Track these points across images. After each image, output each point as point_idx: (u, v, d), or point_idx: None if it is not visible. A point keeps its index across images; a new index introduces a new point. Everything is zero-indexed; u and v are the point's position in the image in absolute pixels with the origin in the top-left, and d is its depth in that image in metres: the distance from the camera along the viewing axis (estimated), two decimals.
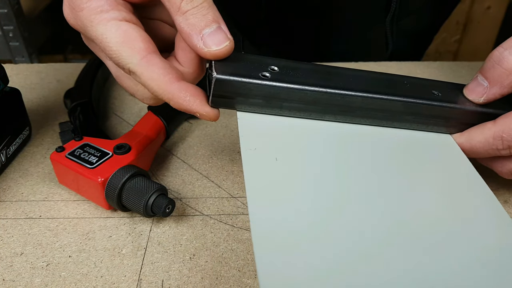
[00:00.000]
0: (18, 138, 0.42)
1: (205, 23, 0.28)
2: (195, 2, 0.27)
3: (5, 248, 0.33)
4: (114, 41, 0.27)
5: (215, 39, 0.28)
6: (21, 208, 0.36)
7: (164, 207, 0.33)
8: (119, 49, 0.27)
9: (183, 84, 0.28)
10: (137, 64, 0.27)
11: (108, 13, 0.28)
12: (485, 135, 0.32)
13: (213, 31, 0.28)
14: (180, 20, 0.28)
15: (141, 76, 0.28)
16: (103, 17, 0.28)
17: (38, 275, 0.31)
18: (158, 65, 0.27)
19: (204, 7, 0.28)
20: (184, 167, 0.41)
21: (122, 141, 0.37)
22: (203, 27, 0.27)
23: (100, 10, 0.28)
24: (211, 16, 0.28)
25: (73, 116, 0.43)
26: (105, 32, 0.28)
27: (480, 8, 1.52)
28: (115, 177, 0.33)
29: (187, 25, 0.28)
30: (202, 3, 0.28)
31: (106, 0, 0.28)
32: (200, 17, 0.27)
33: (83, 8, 0.28)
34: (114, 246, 0.33)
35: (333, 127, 0.33)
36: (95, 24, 0.28)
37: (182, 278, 0.31)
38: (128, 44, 0.27)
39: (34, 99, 0.50)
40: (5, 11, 1.15)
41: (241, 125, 0.30)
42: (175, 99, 0.28)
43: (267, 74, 0.30)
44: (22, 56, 1.23)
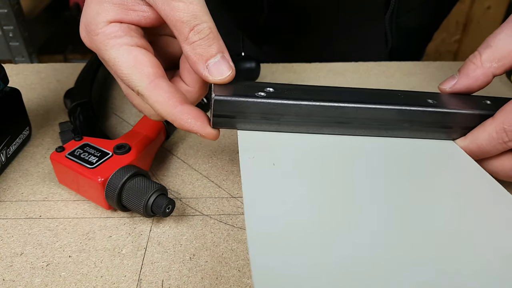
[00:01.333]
0: (18, 138, 0.42)
1: (210, 54, 0.30)
2: (202, 34, 0.30)
3: (5, 248, 0.33)
4: (125, 65, 0.30)
5: (219, 69, 0.30)
6: (21, 208, 0.36)
7: (164, 207, 0.33)
8: (130, 72, 0.30)
9: (186, 107, 0.30)
10: (145, 88, 0.30)
11: (121, 39, 0.31)
12: (488, 132, 0.33)
13: (217, 61, 0.30)
14: (187, 48, 0.30)
15: (149, 99, 0.30)
16: (116, 42, 0.30)
17: (38, 275, 0.31)
18: (164, 89, 0.30)
19: (210, 38, 0.30)
20: (184, 167, 0.41)
21: (122, 141, 0.37)
22: (209, 57, 0.30)
23: (114, 35, 0.31)
24: (216, 47, 0.30)
25: (73, 116, 0.43)
26: (117, 56, 0.30)
27: (480, 8, 1.52)
28: (115, 177, 0.33)
29: (194, 54, 0.30)
30: (208, 34, 0.30)
31: (120, 26, 0.31)
32: (206, 48, 0.30)
33: (98, 33, 0.31)
34: (114, 246, 0.33)
35: (332, 139, 0.33)
36: (109, 48, 0.30)
37: (182, 278, 0.31)
38: (138, 68, 0.30)
39: (34, 99, 0.50)
40: (5, 11, 1.15)
41: (241, 141, 0.32)
42: (178, 121, 0.30)
43: (263, 93, 0.31)
44: (22, 56, 1.23)
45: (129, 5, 0.31)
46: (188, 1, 0.29)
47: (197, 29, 0.30)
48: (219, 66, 0.31)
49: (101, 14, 0.31)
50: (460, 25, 1.60)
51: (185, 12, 0.29)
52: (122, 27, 0.31)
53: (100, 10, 0.31)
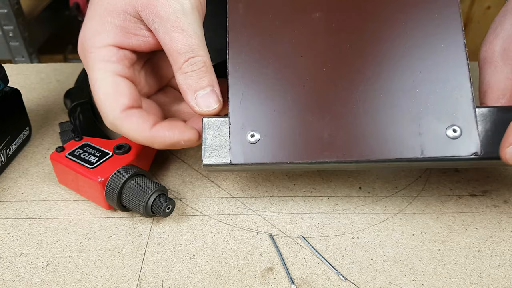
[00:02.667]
0: (18, 138, 0.42)
1: (200, 85, 0.32)
2: (195, 66, 0.31)
3: (5, 248, 0.33)
4: (103, 90, 0.31)
5: (206, 101, 0.32)
6: (21, 208, 0.36)
7: (164, 207, 0.33)
8: (104, 98, 0.31)
9: (158, 126, 0.32)
10: (116, 117, 0.31)
11: (112, 65, 0.32)
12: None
13: (206, 94, 0.32)
14: (180, 78, 0.32)
15: (121, 128, 0.31)
16: (106, 66, 0.31)
17: (38, 275, 0.31)
18: (135, 116, 0.31)
19: (202, 71, 0.31)
20: (184, 167, 0.41)
21: (122, 141, 0.37)
22: (198, 89, 0.32)
23: (107, 60, 0.31)
24: (207, 80, 0.32)
25: (73, 116, 0.43)
26: (101, 79, 0.31)
27: (480, 8, 1.52)
28: (115, 177, 0.33)
29: (185, 84, 0.32)
30: (201, 67, 0.31)
31: (116, 52, 0.32)
32: (197, 80, 0.31)
33: (92, 52, 0.32)
34: (114, 246, 0.33)
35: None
36: (97, 69, 0.31)
37: (182, 278, 0.31)
38: (114, 97, 0.31)
39: (34, 99, 0.50)
40: (5, 11, 1.15)
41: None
42: (157, 141, 0.31)
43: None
44: (22, 56, 1.23)
45: (130, 29, 0.32)
46: (187, 34, 0.31)
47: (191, 61, 0.31)
48: (207, 98, 0.32)
49: (102, 34, 0.32)
50: None
51: (183, 44, 0.31)
52: (118, 53, 0.32)
53: (101, 30, 0.32)
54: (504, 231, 0.35)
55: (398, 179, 0.40)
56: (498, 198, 0.38)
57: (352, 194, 0.38)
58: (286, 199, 0.38)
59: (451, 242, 0.34)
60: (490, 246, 0.33)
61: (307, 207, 0.37)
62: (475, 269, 0.32)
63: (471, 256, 0.33)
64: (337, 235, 0.34)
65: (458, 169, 0.41)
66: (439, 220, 0.36)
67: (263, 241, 0.34)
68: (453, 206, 0.37)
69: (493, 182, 0.39)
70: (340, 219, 0.36)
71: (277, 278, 0.31)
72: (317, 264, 0.32)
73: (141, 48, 0.33)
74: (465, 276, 0.31)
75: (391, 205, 0.37)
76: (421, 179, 0.40)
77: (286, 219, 0.36)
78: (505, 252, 0.33)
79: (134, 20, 0.32)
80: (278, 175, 0.40)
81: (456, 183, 0.39)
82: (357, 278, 0.31)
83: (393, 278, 0.31)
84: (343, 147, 0.31)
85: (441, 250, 0.33)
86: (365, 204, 0.37)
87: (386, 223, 0.35)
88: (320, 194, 0.38)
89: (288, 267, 0.32)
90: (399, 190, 0.38)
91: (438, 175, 0.40)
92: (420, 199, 0.38)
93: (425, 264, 0.32)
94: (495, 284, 0.31)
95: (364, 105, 0.31)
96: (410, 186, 0.39)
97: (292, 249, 0.33)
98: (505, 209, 0.37)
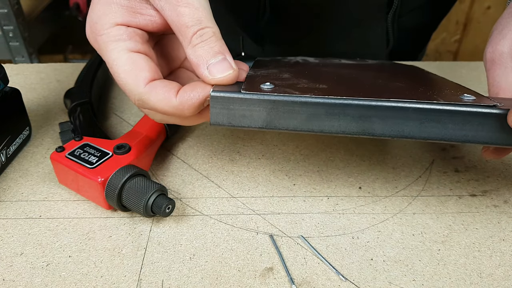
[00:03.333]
0: (18, 138, 0.42)
1: (211, 54, 0.30)
2: (205, 36, 0.30)
3: (5, 248, 0.33)
4: (122, 69, 0.31)
5: (219, 68, 0.30)
6: (21, 208, 0.36)
7: (164, 207, 0.33)
8: (125, 77, 0.31)
9: (182, 91, 0.31)
10: (142, 92, 0.30)
11: (124, 43, 0.31)
12: None
13: (218, 61, 0.31)
14: (190, 52, 0.31)
15: (149, 101, 0.31)
16: (118, 45, 0.31)
17: (38, 275, 0.31)
18: (160, 86, 0.30)
19: (212, 40, 0.31)
20: (184, 167, 0.41)
21: (122, 141, 0.37)
22: (210, 57, 0.30)
23: (118, 38, 0.31)
24: (218, 48, 0.31)
25: (73, 116, 0.43)
26: (116, 59, 0.31)
27: (480, 8, 1.52)
28: (115, 177, 0.33)
29: (195, 57, 0.31)
30: (210, 37, 0.31)
31: (125, 30, 0.31)
32: (208, 49, 0.30)
33: (102, 34, 0.31)
34: (114, 246, 0.33)
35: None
36: (110, 50, 0.31)
37: (182, 278, 0.31)
38: (135, 72, 0.31)
39: (34, 99, 0.50)
40: (5, 11, 1.15)
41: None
42: (186, 107, 0.30)
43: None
44: (22, 56, 1.23)
45: (137, 9, 0.32)
46: (194, 7, 0.30)
47: (200, 33, 0.30)
48: (219, 65, 0.30)
49: (108, 15, 0.31)
50: (460, 25, 1.60)
51: (190, 17, 0.30)
52: (128, 31, 0.31)
53: (108, 11, 0.31)
54: (504, 231, 0.35)
55: (398, 179, 0.40)
56: (498, 198, 0.38)
57: (352, 194, 0.38)
58: (286, 199, 0.38)
59: (451, 242, 0.34)
60: (490, 246, 0.33)
61: (307, 207, 0.37)
62: (475, 269, 0.32)
63: (471, 256, 0.33)
64: (337, 235, 0.34)
65: (458, 169, 0.41)
66: (439, 220, 0.36)
67: (263, 241, 0.34)
68: (453, 206, 0.37)
69: (493, 182, 0.39)
70: (340, 219, 0.36)
71: (277, 278, 0.31)
72: (317, 264, 0.32)
73: (148, 28, 0.33)
74: (465, 276, 0.31)
75: (391, 205, 0.37)
76: (421, 179, 0.40)
77: (286, 219, 0.36)
78: (505, 252, 0.33)
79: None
80: (278, 175, 0.40)
81: (456, 183, 0.39)
82: (357, 278, 0.31)
83: (393, 278, 0.31)
84: (358, 90, 0.30)
85: (441, 250, 0.33)
86: (365, 204, 0.37)
87: (386, 223, 0.35)
88: (320, 194, 0.38)
89: (288, 267, 0.32)
90: (399, 190, 0.38)
91: (438, 175, 0.40)
92: (420, 199, 0.38)
93: (425, 264, 0.32)
94: (495, 284, 0.31)
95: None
96: (410, 186, 0.39)
97: (292, 249, 0.33)
98: (505, 209, 0.37)
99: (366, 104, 0.28)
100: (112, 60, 0.31)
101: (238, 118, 0.30)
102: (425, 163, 0.42)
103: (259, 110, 0.30)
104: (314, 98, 0.28)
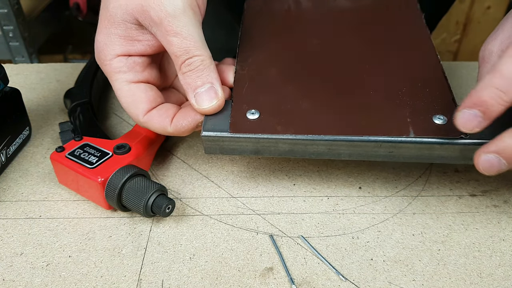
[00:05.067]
0: (18, 138, 0.42)
1: (197, 84, 0.33)
2: (192, 66, 0.33)
3: (5, 248, 0.33)
4: (124, 100, 0.35)
5: (205, 97, 0.33)
6: (21, 208, 0.36)
7: (164, 207, 0.33)
8: (127, 107, 0.35)
9: (175, 120, 0.34)
10: (141, 121, 0.35)
11: (125, 75, 0.34)
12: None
13: (204, 91, 0.33)
14: (180, 78, 0.34)
15: (148, 128, 0.35)
16: (120, 76, 0.34)
17: (38, 275, 0.31)
18: (156, 118, 0.34)
19: (199, 69, 0.33)
20: (184, 167, 0.41)
21: (122, 141, 0.37)
22: (196, 87, 0.33)
23: (119, 70, 0.34)
24: (205, 77, 0.33)
25: (73, 116, 0.43)
26: (119, 89, 0.35)
27: (480, 8, 1.52)
28: (115, 177, 0.33)
29: (185, 83, 0.33)
30: (198, 66, 0.33)
31: (126, 62, 0.34)
32: (195, 78, 0.33)
33: (106, 64, 0.34)
34: (114, 246, 0.33)
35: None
36: (114, 80, 0.35)
37: (182, 278, 0.31)
38: (134, 105, 0.34)
39: (34, 99, 0.50)
40: (5, 11, 1.15)
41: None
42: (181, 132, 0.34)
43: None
44: (22, 56, 1.23)
45: (134, 36, 0.34)
46: (182, 37, 0.32)
47: (187, 62, 0.32)
48: (205, 95, 0.33)
49: (109, 46, 0.34)
50: (460, 25, 1.60)
51: (178, 47, 0.32)
52: (128, 62, 0.34)
53: (108, 42, 0.34)
54: (504, 231, 0.35)
55: (398, 179, 0.40)
56: (498, 198, 0.38)
57: (352, 194, 0.38)
58: (286, 199, 0.38)
59: (451, 242, 0.34)
60: (490, 246, 0.33)
61: (307, 207, 0.37)
62: (475, 269, 0.32)
63: (471, 256, 0.33)
64: (337, 235, 0.34)
65: (458, 169, 0.41)
66: (439, 220, 0.36)
67: (263, 241, 0.34)
68: (453, 206, 0.37)
69: (493, 182, 0.39)
70: (340, 219, 0.36)
71: (277, 278, 0.31)
72: (317, 264, 0.32)
73: (148, 52, 0.35)
74: (465, 276, 0.31)
75: (391, 205, 0.37)
76: (421, 179, 0.40)
77: (286, 219, 0.36)
78: (505, 252, 0.33)
79: (135, 27, 0.33)
80: (278, 175, 0.40)
81: (456, 183, 0.39)
82: (357, 278, 0.31)
83: (393, 278, 0.31)
84: (339, 124, 0.32)
85: (441, 250, 0.33)
86: (365, 204, 0.37)
87: (386, 223, 0.35)
88: (320, 194, 0.38)
89: (288, 267, 0.32)
90: (399, 190, 0.38)
91: (438, 175, 0.40)
92: (420, 199, 0.38)
93: (425, 264, 0.32)
94: (495, 284, 0.31)
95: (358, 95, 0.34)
96: (410, 186, 0.39)
97: (292, 249, 0.33)
98: (505, 209, 0.37)
99: (335, 139, 0.32)
100: (116, 89, 0.35)
101: (229, 150, 0.33)
102: (425, 163, 0.42)
103: (246, 145, 0.33)
104: (292, 136, 0.32)
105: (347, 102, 0.34)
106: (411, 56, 0.37)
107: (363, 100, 0.34)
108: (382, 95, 0.34)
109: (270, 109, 0.33)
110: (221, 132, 0.32)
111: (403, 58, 0.37)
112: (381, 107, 0.33)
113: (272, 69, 0.37)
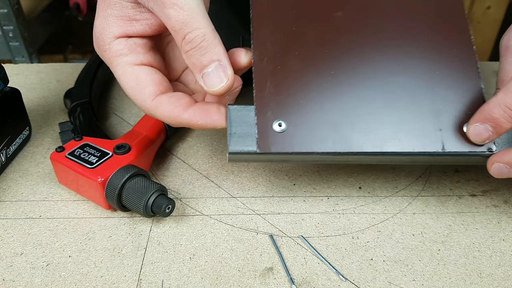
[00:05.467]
0: (18, 138, 0.42)
1: (203, 64, 0.30)
2: (194, 43, 0.29)
3: (5, 248, 0.33)
4: (128, 85, 0.31)
5: (214, 79, 0.30)
6: (21, 208, 0.36)
7: (164, 207, 0.33)
8: (132, 92, 0.31)
9: (191, 112, 0.31)
10: (149, 107, 0.31)
11: (126, 57, 0.31)
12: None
13: (211, 71, 0.30)
14: (185, 58, 0.30)
15: (157, 116, 0.31)
16: (121, 60, 0.31)
17: (38, 275, 0.31)
18: (166, 104, 0.31)
19: (203, 47, 0.29)
20: (184, 167, 0.41)
21: (122, 141, 0.37)
22: (202, 67, 0.30)
23: (120, 53, 0.31)
24: (210, 55, 0.29)
25: (73, 116, 0.43)
26: (122, 75, 0.31)
27: (480, 8, 1.52)
28: (115, 177, 0.33)
29: (190, 64, 0.30)
30: (200, 43, 0.29)
31: (126, 43, 0.31)
32: (199, 58, 0.29)
33: (105, 49, 0.32)
34: (114, 246, 0.33)
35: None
36: (115, 65, 0.32)
37: (182, 278, 0.31)
38: (140, 89, 0.31)
39: (34, 99, 0.50)
40: (5, 11, 1.14)
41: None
42: (193, 125, 0.31)
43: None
44: (22, 56, 1.23)
45: (131, 16, 0.31)
46: (178, 7, 0.28)
47: (188, 38, 0.29)
48: (213, 75, 0.30)
49: (107, 29, 0.31)
50: None
51: (175, 20, 0.29)
52: (128, 44, 0.31)
53: (105, 25, 0.31)
54: (504, 231, 0.35)
55: (398, 179, 0.40)
56: (498, 198, 0.38)
57: (352, 194, 0.38)
58: (286, 199, 0.38)
59: (451, 242, 0.34)
60: (490, 246, 0.33)
61: (307, 207, 0.37)
62: (475, 269, 0.32)
63: (471, 256, 0.33)
64: (337, 235, 0.34)
65: (458, 169, 0.41)
66: (439, 220, 0.36)
67: (263, 241, 0.34)
68: (453, 206, 0.37)
69: (493, 182, 0.39)
70: (340, 219, 0.36)
71: (277, 278, 0.31)
72: (317, 264, 0.32)
73: (147, 32, 0.32)
74: (465, 276, 0.31)
75: (391, 205, 0.37)
76: (421, 179, 0.40)
77: (286, 219, 0.36)
78: (505, 252, 0.33)
79: (131, 5, 0.31)
80: (278, 175, 0.40)
81: (456, 183, 0.39)
82: (357, 278, 0.31)
83: (393, 278, 0.31)
84: (369, 139, 0.31)
85: (441, 250, 0.33)
86: (365, 204, 0.37)
87: (386, 223, 0.35)
88: (320, 194, 0.38)
89: (288, 267, 0.32)
90: (399, 190, 0.38)
91: (438, 175, 0.40)
92: (420, 199, 0.38)
93: (425, 264, 0.32)
94: (495, 284, 0.31)
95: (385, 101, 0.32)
96: (410, 186, 0.39)
97: (292, 249, 0.33)
98: (505, 209, 0.37)
99: (371, 153, 0.31)
100: (118, 75, 0.32)
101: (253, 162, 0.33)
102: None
103: (273, 158, 0.32)
104: (323, 150, 0.31)
105: (384, 115, 0.32)
106: (448, 53, 0.34)
107: (400, 114, 0.32)
108: (419, 110, 0.32)
109: (298, 119, 0.31)
110: (248, 148, 0.30)
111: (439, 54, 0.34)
112: (414, 115, 0.32)
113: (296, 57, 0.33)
